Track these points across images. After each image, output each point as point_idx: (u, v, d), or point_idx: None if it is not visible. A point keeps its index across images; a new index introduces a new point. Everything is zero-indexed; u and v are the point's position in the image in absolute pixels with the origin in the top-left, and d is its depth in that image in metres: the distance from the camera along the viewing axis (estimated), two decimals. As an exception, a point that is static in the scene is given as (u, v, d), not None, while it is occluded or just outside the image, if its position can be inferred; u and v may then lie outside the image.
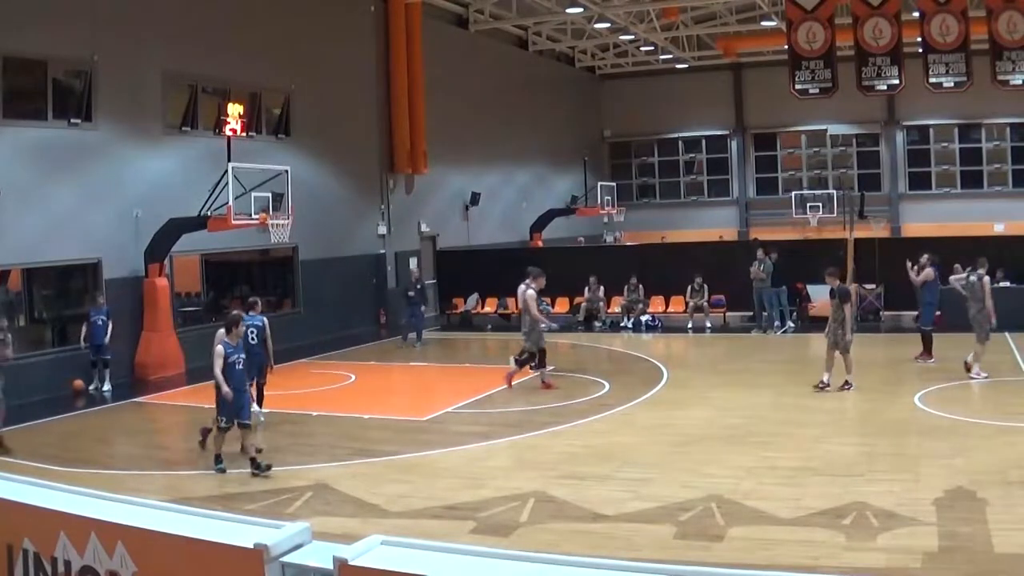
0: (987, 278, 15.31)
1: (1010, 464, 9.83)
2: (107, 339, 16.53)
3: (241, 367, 11.22)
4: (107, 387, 16.64)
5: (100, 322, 16.45)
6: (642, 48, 36.68)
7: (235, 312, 11.95)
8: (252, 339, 12.75)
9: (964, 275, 15.96)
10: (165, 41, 18.82)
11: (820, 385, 14.31)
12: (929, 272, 16.89)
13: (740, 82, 38.83)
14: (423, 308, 22.00)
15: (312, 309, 22.64)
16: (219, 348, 11.03)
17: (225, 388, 10.81)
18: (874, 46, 19.77)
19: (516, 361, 15.74)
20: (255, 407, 13.76)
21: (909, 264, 17.23)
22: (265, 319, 13.46)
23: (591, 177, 36.08)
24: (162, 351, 18.24)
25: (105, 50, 17.57)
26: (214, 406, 11.20)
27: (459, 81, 28.74)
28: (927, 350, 16.80)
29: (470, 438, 12.04)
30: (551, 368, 16.27)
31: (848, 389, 14.16)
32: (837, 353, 14.37)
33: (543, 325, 15.79)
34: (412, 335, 21.10)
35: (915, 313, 18.04)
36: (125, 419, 14.83)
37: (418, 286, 21.16)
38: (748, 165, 39.71)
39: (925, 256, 17.17)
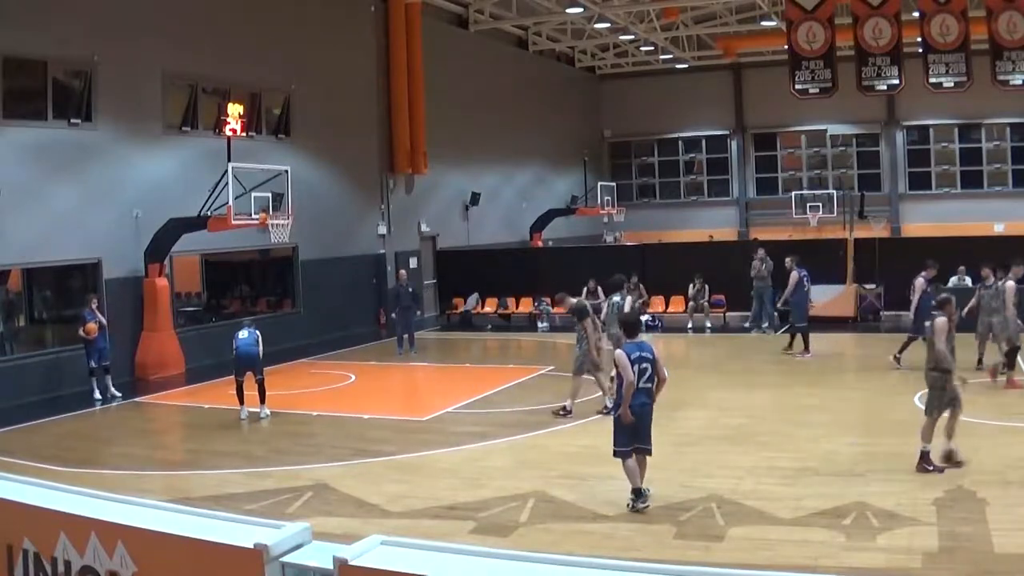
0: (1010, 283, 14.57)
1: (1010, 464, 9.83)
2: (106, 343, 16.35)
3: (649, 373, 8.63)
4: (116, 392, 16.07)
5: (97, 323, 16.21)
6: (642, 48, 36.67)
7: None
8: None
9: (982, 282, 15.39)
10: (165, 41, 18.81)
11: (561, 412, 13.17)
12: (795, 276, 17.62)
13: (740, 82, 38.82)
14: (416, 312, 21.92)
15: (312, 309, 22.63)
16: (620, 353, 8.72)
17: (624, 409, 8.64)
18: (874, 46, 19.78)
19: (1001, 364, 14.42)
20: (266, 409, 13.83)
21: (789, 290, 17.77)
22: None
23: (591, 177, 36.09)
24: (162, 351, 18.24)
25: (105, 50, 17.56)
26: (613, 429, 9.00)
27: (459, 81, 28.72)
28: (807, 346, 17.68)
29: (470, 438, 12.04)
30: (550, 368, 16.20)
31: (564, 415, 13.07)
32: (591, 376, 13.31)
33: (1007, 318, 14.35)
34: (405, 338, 20.92)
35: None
36: (125, 419, 14.83)
37: (408, 290, 21.04)
38: (748, 165, 39.70)
39: (788, 260, 17.95)
